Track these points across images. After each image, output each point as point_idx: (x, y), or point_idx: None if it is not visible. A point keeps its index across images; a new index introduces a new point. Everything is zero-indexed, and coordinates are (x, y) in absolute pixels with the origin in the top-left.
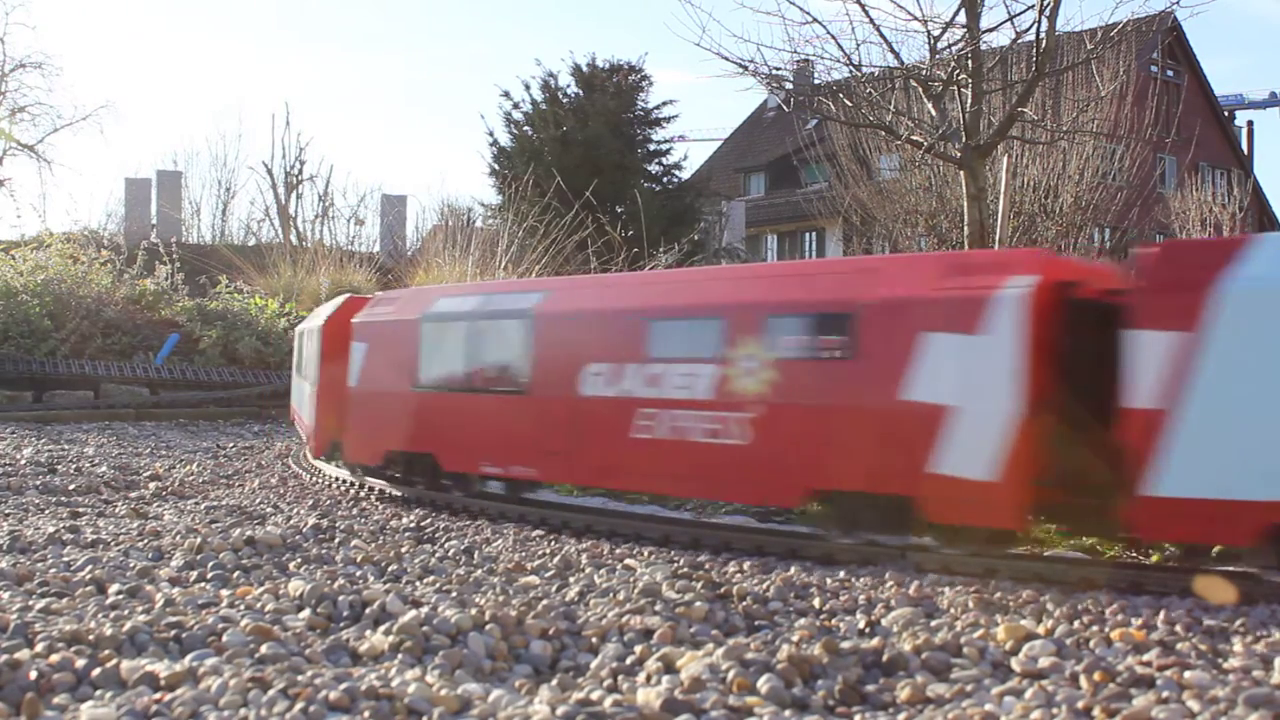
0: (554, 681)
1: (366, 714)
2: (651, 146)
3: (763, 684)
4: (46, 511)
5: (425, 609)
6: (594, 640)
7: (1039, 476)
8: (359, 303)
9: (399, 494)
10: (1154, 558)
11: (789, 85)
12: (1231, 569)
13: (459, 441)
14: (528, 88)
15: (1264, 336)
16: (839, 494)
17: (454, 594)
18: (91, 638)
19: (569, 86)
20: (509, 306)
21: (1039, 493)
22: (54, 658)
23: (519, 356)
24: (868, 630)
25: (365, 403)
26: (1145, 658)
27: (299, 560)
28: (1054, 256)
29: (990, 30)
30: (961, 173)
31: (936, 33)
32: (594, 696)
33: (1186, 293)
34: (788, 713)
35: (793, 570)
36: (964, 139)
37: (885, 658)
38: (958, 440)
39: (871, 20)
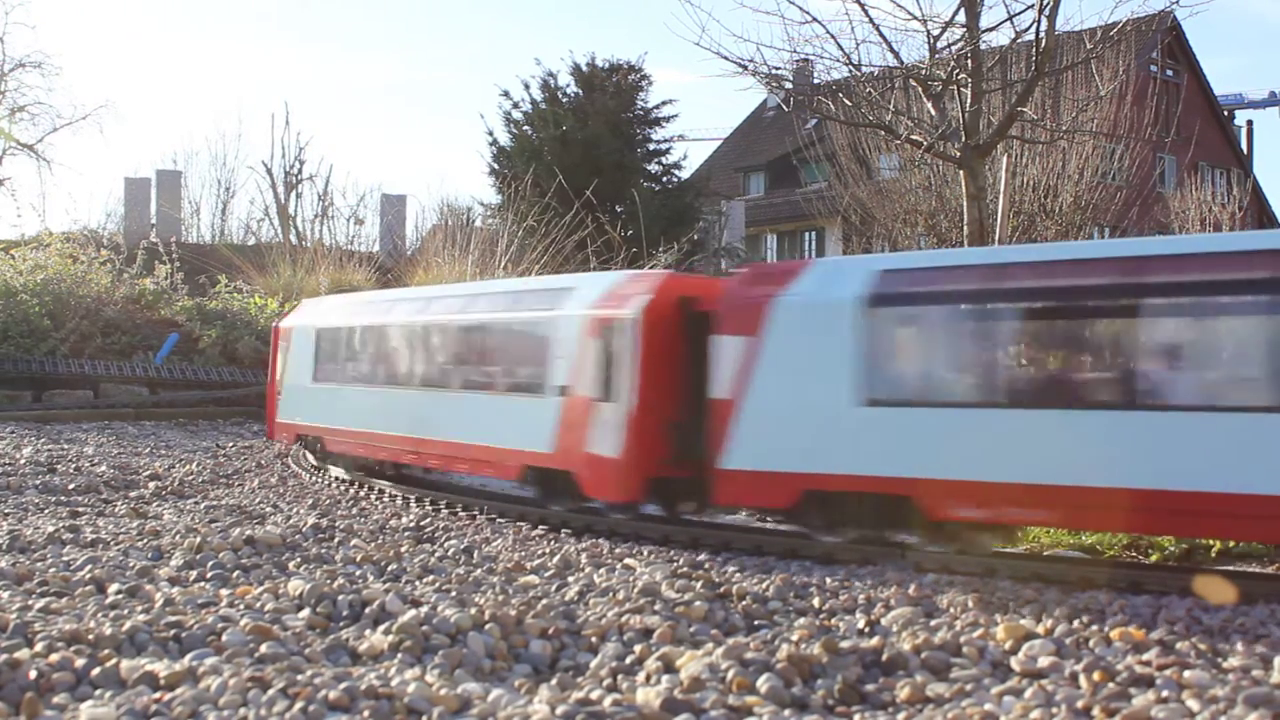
0: (554, 681)
1: (366, 713)
2: (651, 146)
3: (762, 683)
4: (46, 511)
5: (425, 608)
6: (593, 640)
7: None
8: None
9: (399, 493)
10: (1153, 557)
11: (789, 85)
12: (1231, 569)
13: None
14: (527, 87)
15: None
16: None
17: (454, 593)
18: (91, 637)
19: (569, 86)
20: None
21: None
22: (54, 657)
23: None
24: (867, 630)
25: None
26: (1145, 657)
27: (299, 560)
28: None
29: (990, 30)
30: (961, 172)
31: (936, 32)
32: (594, 696)
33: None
34: (787, 712)
35: (792, 570)
36: (963, 138)
37: (885, 657)
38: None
39: (871, 20)
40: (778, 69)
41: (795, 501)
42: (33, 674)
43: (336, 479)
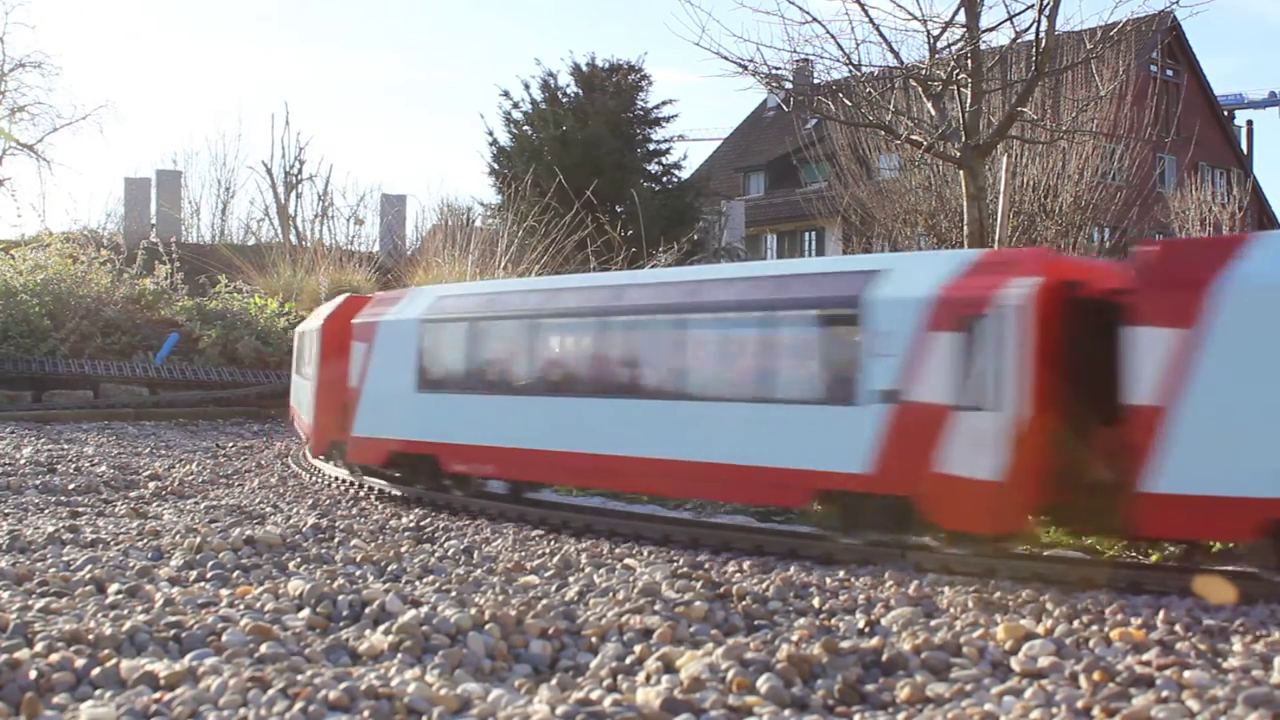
0: (554, 681)
1: (366, 713)
2: (651, 146)
3: (762, 683)
4: (46, 511)
5: (425, 609)
6: (593, 640)
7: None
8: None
9: (398, 493)
10: (1154, 557)
11: (789, 85)
12: (1231, 569)
13: None
14: (527, 87)
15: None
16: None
17: (454, 594)
18: (91, 637)
19: (568, 86)
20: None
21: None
22: (54, 657)
23: None
24: (867, 630)
25: None
26: (1145, 657)
27: (299, 560)
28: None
29: (990, 30)
30: (961, 172)
31: (936, 32)
32: (594, 696)
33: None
34: (787, 712)
35: (792, 570)
36: (963, 138)
37: (885, 657)
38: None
39: (871, 20)
40: (778, 69)
41: (1259, 532)
42: (33, 674)
43: (336, 479)
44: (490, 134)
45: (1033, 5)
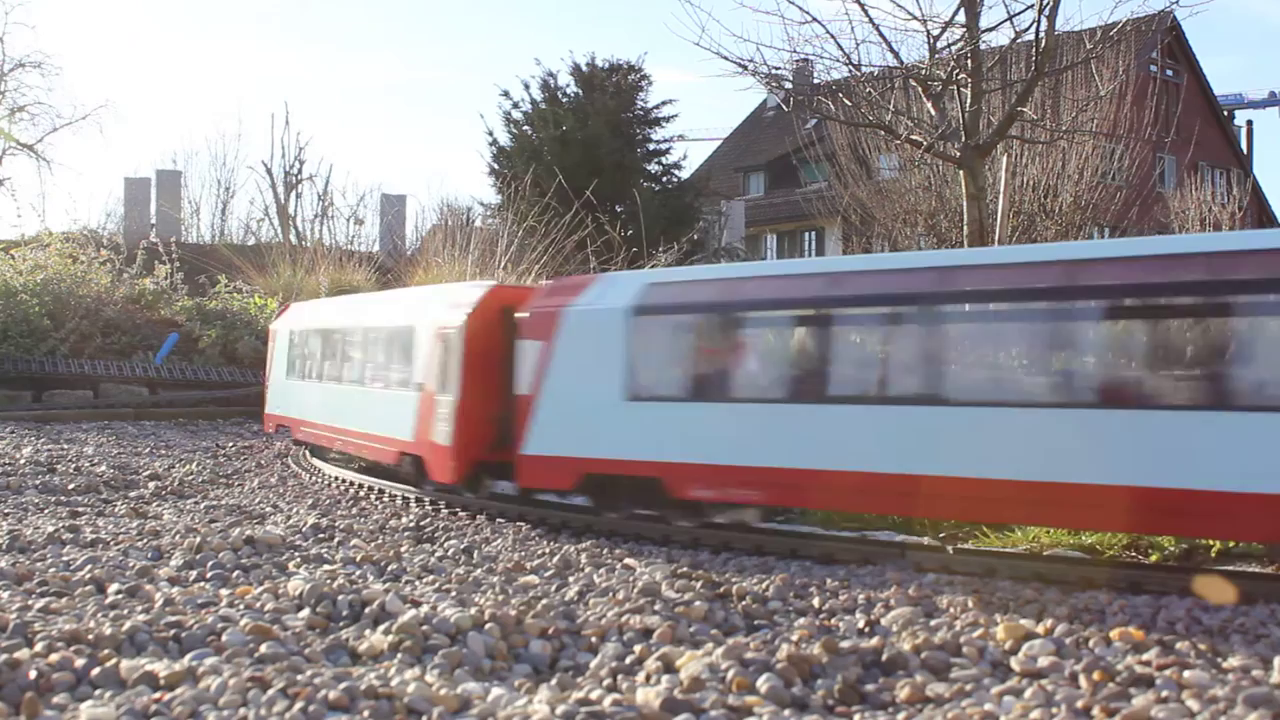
0: (554, 681)
1: (366, 713)
2: (651, 146)
3: (762, 683)
4: (46, 511)
5: (425, 608)
6: (593, 640)
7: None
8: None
9: (398, 493)
10: (1153, 557)
11: (788, 85)
12: (1231, 569)
13: None
14: (527, 87)
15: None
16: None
17: (453, 593)
18: (91, 637)
19: (568, 86)
20: None
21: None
22: (53, 657)
23: None
24: (867, 630)
25: None
26: (1145, 657)
27: (299, 560)
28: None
29: (990, 30)
30: (961, 172)
31: (936, 32)
32: (593, 696)
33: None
34: (787, 712)
35: (792, 570)
36: (963, 138)
37: (885, 657)
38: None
39: (871, 20)
40: (778, 69)
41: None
42: (33, 674)
43: (336, 479)
44: (490, 134)
45: (1033, 5)
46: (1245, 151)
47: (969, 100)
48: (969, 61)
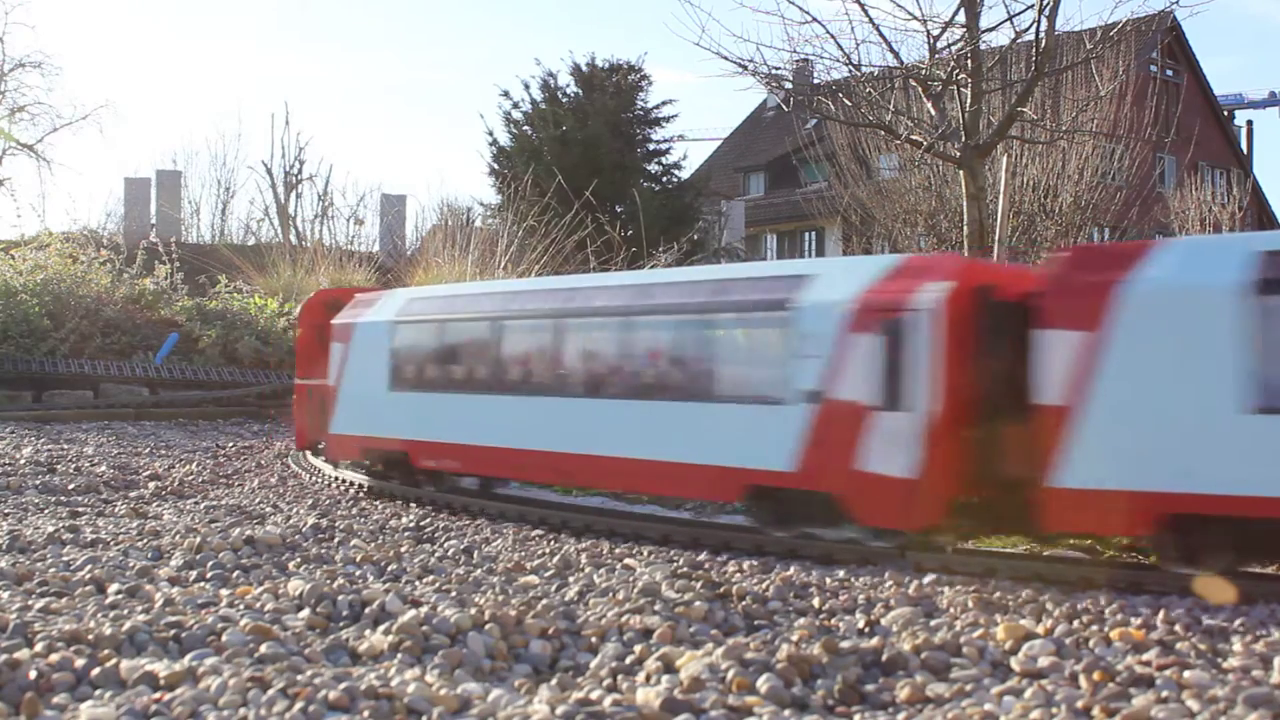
0: (553, 681)
1: (366, 713)
2: (651, 146)
3: (762, 683)
4: (46, 511)
5: (425, 609)
6: (593, 640)
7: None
8: None
9: (398, 493)
10: (1153, 558)
11: (788, 85)
12: (1231, 569)
13: None
14: (527, 87)
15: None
16: None
17: (453, 594)
18: (91, 637)
19: (568, 86)
20: None
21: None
22: (53, 657)
23: None
24: (867, 630)
25: None
26: (1145, 657)
27: (298, 560)
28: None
29: (990, 30)
30: (961, 172)
31: (936, 32)
32: (593, 696)
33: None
34: (787, 712)
35: (792, 570)
36: (963, 138)
37: (885, 657)
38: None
39: (871, 20)
40: (778, 69)
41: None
42: (33, 674)
43: (336, 479)
44: (490, 134)
45: (1033, 5)
46: (1245, 151)
47: (969, 100)
48: (969, 61)
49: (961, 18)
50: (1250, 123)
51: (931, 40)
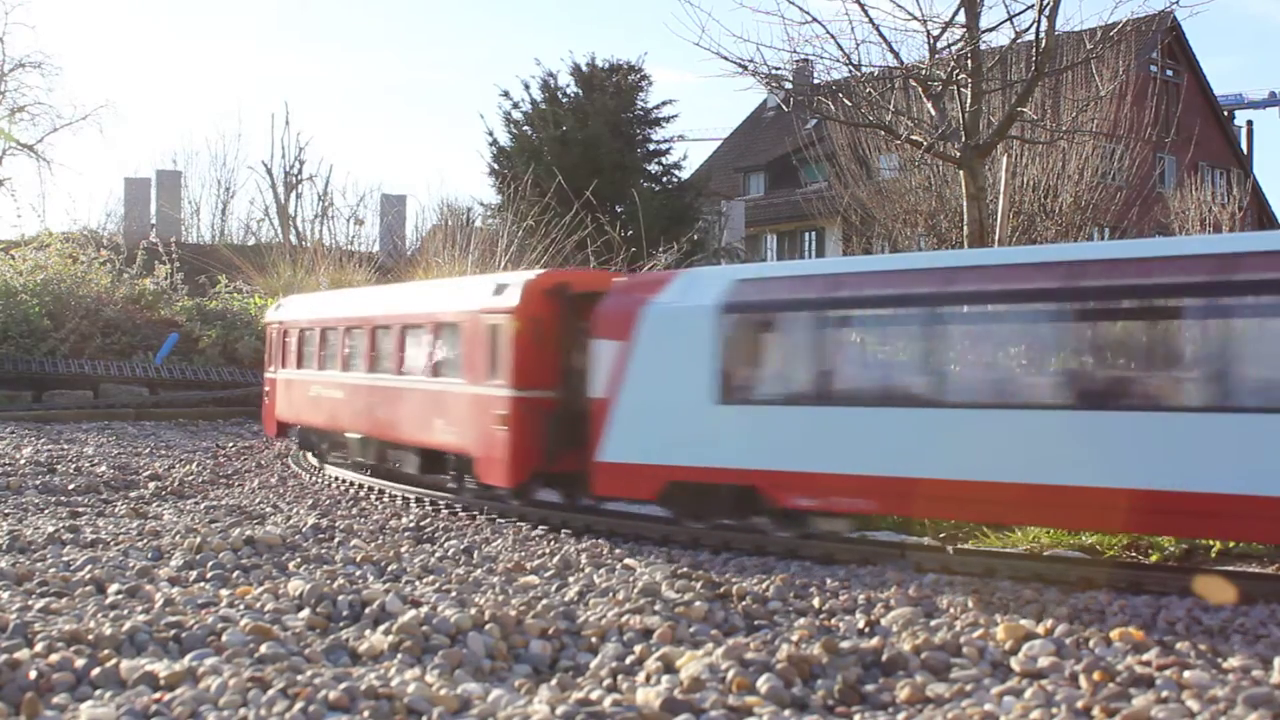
0: (553, 681)
1: (366, 714)
2: (651, 146)
3: (762, 683)
4: (46, 511)
5: (425, 609)
6: (593, 640)
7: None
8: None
9: (398, 493)
10: (1153, 557)
11: (788, 85)
12: (1231, 569)
13: None
14: (527, 87)
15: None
16: None
17: (454, 594)
18: (91, 637)
19: (568, 86)
20: None
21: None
22: (53, 657)
23: None
24: (867, 630)
25: None
26: (1145, 657)
27: (299, 560)
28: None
29: (990, 30)
30: (961, 172)
31: (936, 32)
32: (593, 696)
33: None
34: (787, 712)
35: (792, 570)
36: (963, 139)
37: (885, 657)
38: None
39: (871, 20)
40: (778, 69)
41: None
42: (33, 674)
43: (336, 479)
44: (490, 134)
45: (1033, 5)
46: (1245, 151)
47: (969, 100)
48: (969, 62)
49: (961, 18)
50: (1250, 123)
51: (931, 40)
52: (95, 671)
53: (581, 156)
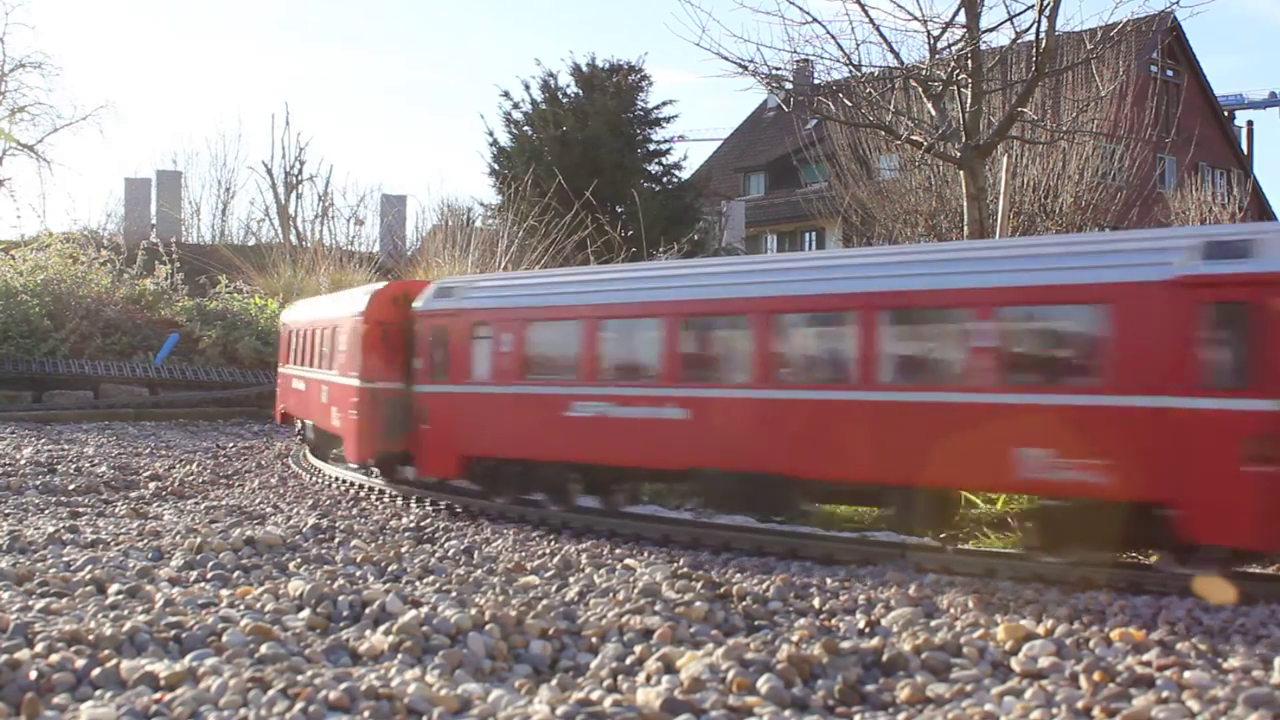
0: (554, 681)
1: (366, 714)
2: (651, 146)
3: (762, 684)
4: (46, 511)
5: (425, 609)
6: (594, 640)
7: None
8: None
9: (398, 493)
10: (1153, 558)
11: (789, 85)
12: (1231, 569)
13: None
14: (527, 88)
15: None
16: None
17: (454, 594)
18: (91, 638)
19: (569, 86)
20: None
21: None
22: (54, 657)
23: None
24: (868, 630)
25: None
26: (1145, 657)
27: (299, 560)
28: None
29: (990, 30)
30: (961, 173)
31: (936, 33)
32: (594, 696)
33: None
34: (787, 712)
35: (792, 570)
36: (964, 139)
37: (885, 658)
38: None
39: (871, 20)
40: (778, 69)
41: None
42: (33, 674)
43: (337, 479)
44: (490, 134)
45: (1033, 5)
46: (1245, 152)
47: (969, 100)
48: (969, 62)
49: (962, 18)
50: (1250, 123)
51: (932, 40)
52: (95, 672)
53: (582, 157)
